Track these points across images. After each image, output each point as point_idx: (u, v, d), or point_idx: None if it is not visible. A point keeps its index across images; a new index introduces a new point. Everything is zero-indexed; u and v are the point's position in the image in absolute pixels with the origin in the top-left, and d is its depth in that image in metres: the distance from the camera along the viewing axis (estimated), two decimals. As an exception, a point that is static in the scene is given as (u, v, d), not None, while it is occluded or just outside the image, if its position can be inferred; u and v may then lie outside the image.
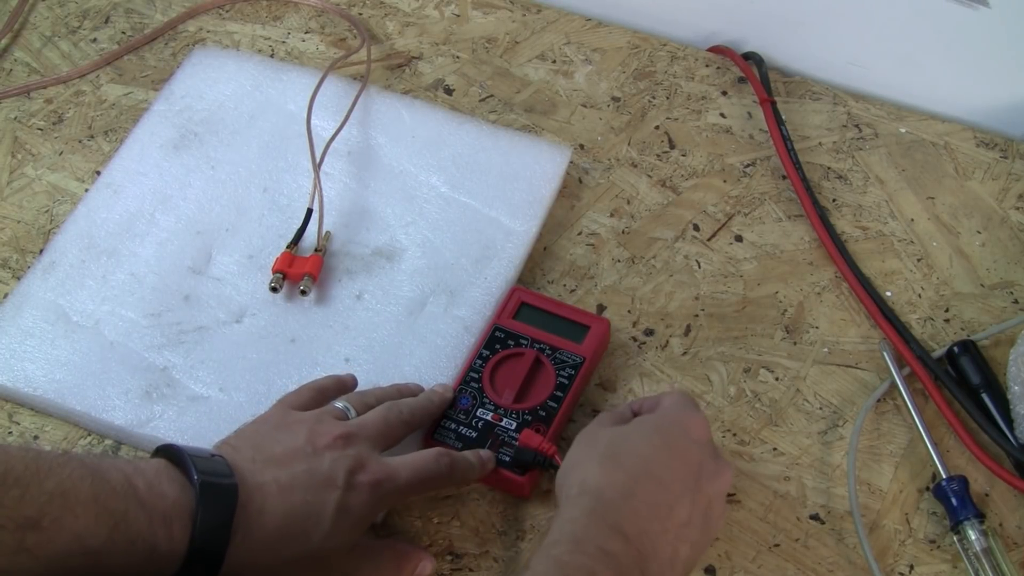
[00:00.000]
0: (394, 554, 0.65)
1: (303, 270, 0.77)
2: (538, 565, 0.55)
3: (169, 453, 0.59)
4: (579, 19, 0.95)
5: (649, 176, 0.85)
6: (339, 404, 0.67)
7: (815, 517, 0.69)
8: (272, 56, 0.92)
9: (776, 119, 0.85)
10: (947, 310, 0.77)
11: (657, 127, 0.88)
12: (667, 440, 0.62)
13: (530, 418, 0.70)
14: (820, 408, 0.73)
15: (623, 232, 0.82)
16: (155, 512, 0.55)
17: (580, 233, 0.82)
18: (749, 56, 0.90)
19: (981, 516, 0.67)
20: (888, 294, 0.78)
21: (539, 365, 0.72)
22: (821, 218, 0.81)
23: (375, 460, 0.63)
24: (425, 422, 0.69)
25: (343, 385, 0.71)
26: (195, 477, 0.57)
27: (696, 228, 0.82)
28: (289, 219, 0.81)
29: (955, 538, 0.67)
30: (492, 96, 0.90)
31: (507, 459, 0.68)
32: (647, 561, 0.57)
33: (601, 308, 0.78)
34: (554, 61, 0.92)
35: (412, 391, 0.71)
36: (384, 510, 0.67)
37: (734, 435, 0.72)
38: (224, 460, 0.59)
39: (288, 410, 0.66)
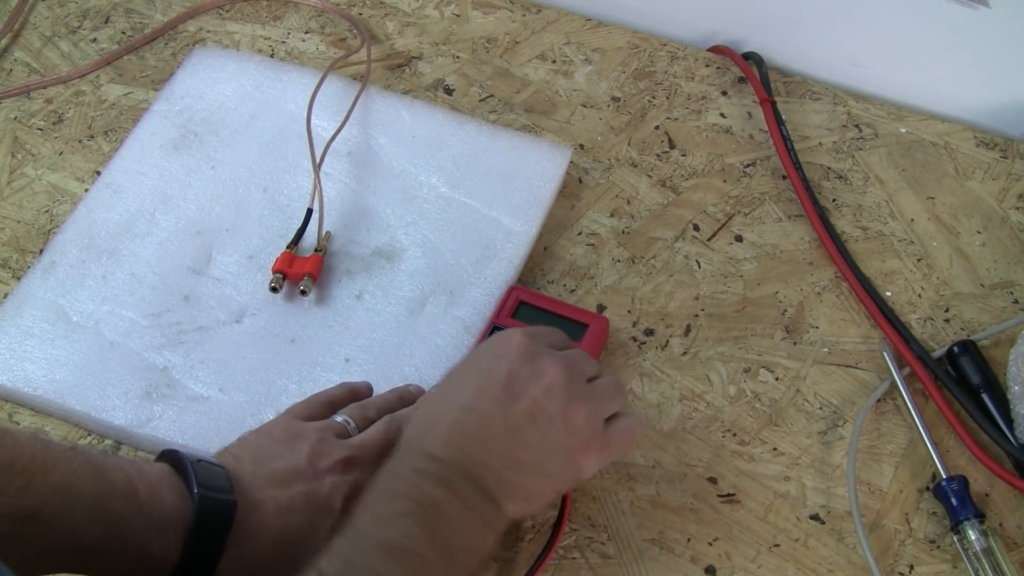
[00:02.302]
0: None
1: (303, 270, 0.77)
2: (358, 512, 0.56)
3: (173, 459, 0.59)
4: (579, 19, 0.95)
5: (649, 176, 0.85)
6: (339, 418, 0.66)
7: (815, 517, 0.69)
8: (272, 56, 0.92)
9: (776, 119, 0.85)
10: (947, 310, 0.77)
11: (657, 127, 0.88)
12: (468, 373, 0.63)
13: (530, 418, 0.70)
14: (820, 408, 0.73)
15: (623, 232, 0.82)
16: (152, 519, 0.55)
17: (580, 233, 0.82)
18: (749, 56, 0.90)
19: (981, 516, 0.67)
20: (888, 294, 0.78)
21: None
22: (821, 218, 0.81)
23: None
24: None
25: (356, 394, 0.70)
26: (195, 490, 0.56)
27: (696, 228, 0.82)
28: (289, 219, 0.81)
29: (955, 538, 0.67)
30: (492, 96, 0.90)
31: (507, 459, 0.68)
32: (480, 468, 0.58)
33: (601, 308, 0.78)
34: (554, 61, 0.92)
35: (413, 395, 0.70)
36: None
37: (734, 435, 0.72)
38: (225, 472, 0.59)
39: (294, 421, 0.65)
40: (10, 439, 0.54)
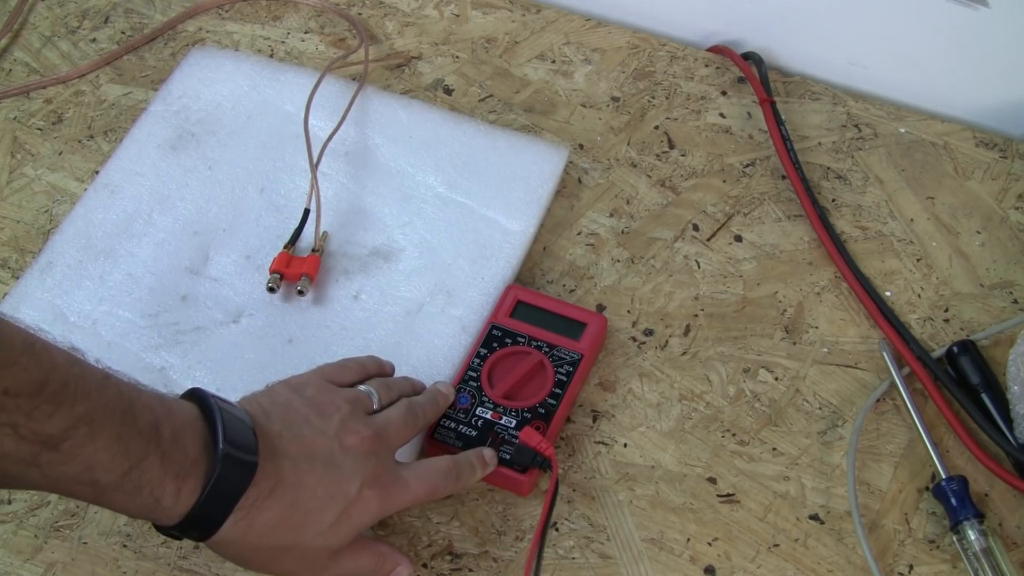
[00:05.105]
0: (374, 554, 0.65)
1: (300, 270, 0.77)
2: None
3: (201, 402, 0.58)
4: (579, 19, 0.95)
5: (649, 176, 0.85)
6: (365, 388, 0.66)
7: (815, 517, 0.69)
8: (271, 56, 0.92)
9: (776, 119, 0.85)
10: (947, 310, 0.77)
11: (657, 127, 0.88)
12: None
13: (529, 416, 0.70)
14: (820, 408, 0.73)
15: (623, 232, 0.82)
16: (171, 467, 0.55)
17: (580, 233, 0.82)
18: (749, 56, 0.90)
19: (981, 516, 0.66)
20: (888, 294, 0.78)
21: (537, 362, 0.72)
22: (821, 218, 0.81)
23: (390, 471, 0.63)
24: (433, 422, 0.70)
25: (382, 370, 0.71)
26: (220, 447, 0.56)
27: (696, 228, 0.82)
28: (286, 219, 0.81)
29: (955, 538, 0.67)
30: (492, 96, 0.90)
31: (507, 457, 0.68)
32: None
33: (601, 308, 0.78)
34: (554, 61, 0.92)
35: (420, 387, 0.71)
36: (386, 516, 0.67)
37: (734, 435, 0.72)
38: (252, 429, 0.58)
39: (326, 384, 0.65)
40: (46, 358, 0.53)
